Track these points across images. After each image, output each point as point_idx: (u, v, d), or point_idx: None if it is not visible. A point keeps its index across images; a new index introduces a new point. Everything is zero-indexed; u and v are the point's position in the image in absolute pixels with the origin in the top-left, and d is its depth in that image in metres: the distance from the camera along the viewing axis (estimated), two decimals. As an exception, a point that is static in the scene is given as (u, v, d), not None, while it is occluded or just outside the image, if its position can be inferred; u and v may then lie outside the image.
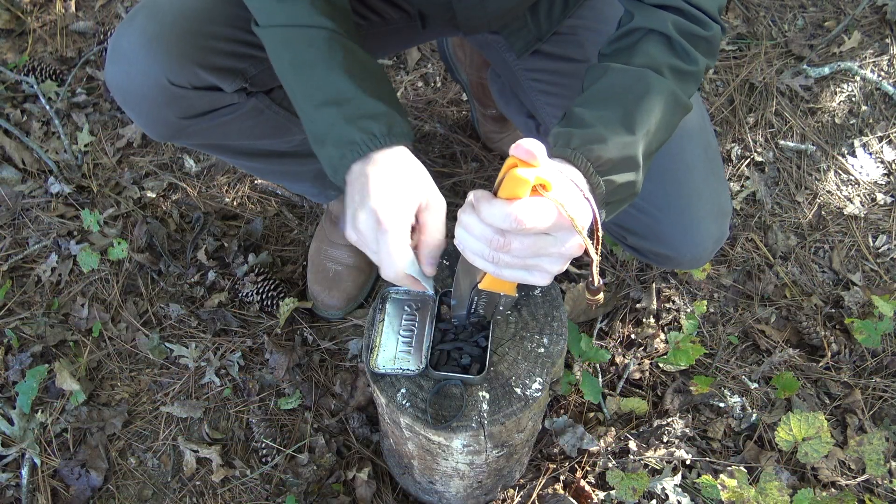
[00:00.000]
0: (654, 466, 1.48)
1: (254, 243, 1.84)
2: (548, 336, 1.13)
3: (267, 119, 1.28)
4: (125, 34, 1.11)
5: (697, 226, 1.18)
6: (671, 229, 1.19)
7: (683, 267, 1.30)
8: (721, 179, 1.24)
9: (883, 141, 2.03)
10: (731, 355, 1.68)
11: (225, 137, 1.29)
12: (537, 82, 1.33)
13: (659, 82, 0.93)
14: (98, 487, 1.51)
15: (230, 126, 1.25)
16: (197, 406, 1.60)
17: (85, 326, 1.71)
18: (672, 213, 1.18)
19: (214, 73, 1.14)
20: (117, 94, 1.17)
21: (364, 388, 1.60)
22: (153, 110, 1.17)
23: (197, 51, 1.11)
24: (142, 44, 1.09)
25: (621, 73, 0.94)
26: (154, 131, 1.22)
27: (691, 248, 1.21)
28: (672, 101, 0.94)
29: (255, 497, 1.50)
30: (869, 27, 2.22)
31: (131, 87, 1.14)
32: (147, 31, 1.09)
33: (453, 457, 1.17)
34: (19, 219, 1.89)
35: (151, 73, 1.10)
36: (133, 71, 1.12)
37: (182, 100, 1.15)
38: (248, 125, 1.27)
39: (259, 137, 1.33)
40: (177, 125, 1.19)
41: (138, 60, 1.10)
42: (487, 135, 1.96)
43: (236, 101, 1.21)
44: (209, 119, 1.21)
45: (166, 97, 1.13)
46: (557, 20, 1.25)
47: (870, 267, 1.82)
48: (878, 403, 1.61)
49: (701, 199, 1.18)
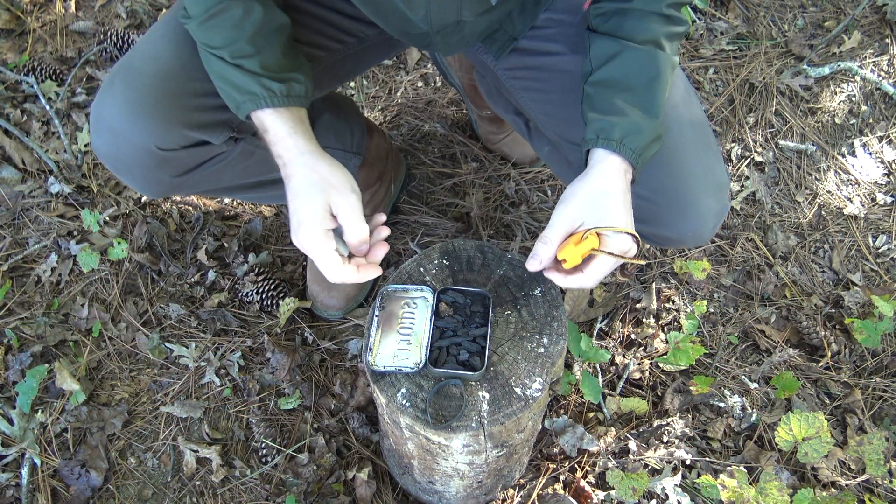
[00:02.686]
0: (654, 466, 1.48)
1: (254, 243, 1.84)
2: (548, 336, 1.13)
3: (258, 158, 1.28)
4: (106, 104, 1.10)
5: (695, 204, 1.18)
6: (669, 211, 1.19)
7: (688, 246, 1.33)
8: (713, 152, 1.23)
9: (883, 141, 2.03)
10: (731, 355, 1.68)
11: (219, 182, 1.30)
12: (518, 80, 1.31)
13: (663, 59, 1.06)
14: (98, 487, 1.51)
15: (222, 173, 1.26)
16: (197, 406, 1.60)
17: (85, 326, 1.71)
18: (667, 195, 1.17)
19: (201, 130, 1.14)
20: (107, 162, 1.17)
21: (364, 388, 1.60)
22: (146, 174, 1.17)
23: (181, 112, 1.10)
24: (124, 114, 1.08)
25: (637, 54, 1.05)
26: (149, 192, 1.23)
27: (692, 228, 1.21)
28: (671, 70, 1.08)
29: (255, 497, 1.50)
30: (869, 27, 2.22)
31: (120, 156, 1.14)
32: (128, 99, 1.08)
33: (453, 457, 1.17)
34: (19, 219, 1.89)
35: (138, 141, 1.10)
36: (120, 141, 1.11)
37: (173, 161, 1.15)
38: (239, 168, 1.28)
39: (252, 175, 1.34)
40: (170, 183, 1.20)
41: (123, 130, 1.09)
42: (486, 135, 1.96)
43: (225, 149, 1.21)
44: (201, 171, 1.22)
45: (156, 161, 1.13)
46: (531, 17, 1.24)
47: (870, 267, 1.82)
48: (878, 403, 1.61)
49: (694, 177, 1.18)
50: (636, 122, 1.01)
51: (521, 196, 1.89)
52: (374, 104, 2.10)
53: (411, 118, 2.06)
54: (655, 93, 1.05)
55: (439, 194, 1.89)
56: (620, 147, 1.00)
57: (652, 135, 1.03)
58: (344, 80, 1.44)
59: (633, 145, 1.00)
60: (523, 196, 1.89)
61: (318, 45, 1.25)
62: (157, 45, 1.12)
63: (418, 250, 1.75)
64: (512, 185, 1.89)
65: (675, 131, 1.16)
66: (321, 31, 1.25)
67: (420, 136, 2.02)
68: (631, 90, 1.04)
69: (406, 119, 2.06)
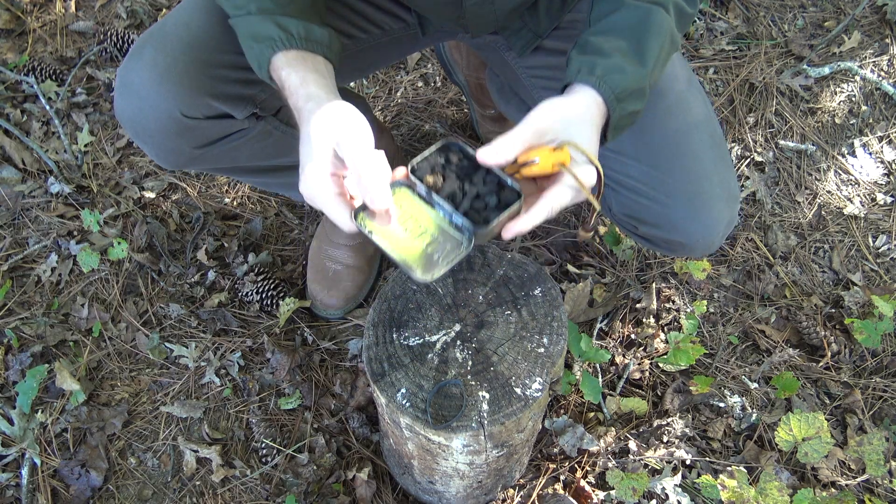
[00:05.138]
0: (654, 466, 1.48)
1: (254, 243, 1.84)
2: (548, 336, 1.13)
3: (276, 140, 1.29)
4: (134, 68, 1.09)
5: (709, 209, 1.18)
6: (682, 214, 1.18)
7: (696, 254, 1.30)
8: (729, 166, 1.23)
9: (883, 141, 2.03)
10: (731, 355, 1.68)
11: (234, 161, 1.30)
12: (539, 79, 1.33)
13: (664, 20, 1.00)
14: (98, 487, 1.51)
15: (240, 150, 1.26)
16: (197, 406, 1.60)
17: (85, 326, 1.71)
18: (682, 198, 1.17)
19: (226, 102, 1.14)
20: (128, 127, 1.16)
21: (364, 388, 1.60)
22: (166, 142, 1.16)
23: (208, 81, 1.10)
24: (153, 78, 1.08)
25: (633, 9, 0.99)
26: (166, 161, 1.22)
27: (703, 233, 1.20)
28: (669, 40, 1.01)
29: (255, 497, 1.50)
30: (869, 27, 2.22)
31: (143, 121, 1.13)
32: (157, 64, 1.08)
33: (453, 457, 1.17)
34: (19, 219, 1.89)
35: (164, 106, 1.09)
36: (145, 105, 1.10)
37: (195, 130, 1.15)
38: (257, 147, 1.28)
39: (268, 157, 1.34)
40: (189, 154, 1.20)
41: (150, 95, 1.09)
42: (487, 135, 1.96)
43: (246, 126, 1.21)
44: (220, 145, 1.21)
45: (179, 129, 1.13)
46: (557, 16, 1.25)
47: (870, 267, 1.82)
48: (878, 403, 1.61)
49: (710, 183, 1.18)
50: (620, 64, 0.93)
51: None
52: (374, 104, 2.10)
53: (411, 118, 2.06)
54: (646, 42, 0.97)
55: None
56: (600, 84, 0.91)
57: (636, 82, 0.93)
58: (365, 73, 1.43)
59: (613, 84, 0.91)
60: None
61: (344, 32, 1.25)
62: (190, 13, 1.12)
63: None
64: (512, 185, 1.89)
65: (695, 139, 1.17)
66: (348, 18, 1.25)
67: (420, 136, 2.02)
68: (621, 35, 0.97)
69: (406, 119, 2.06)
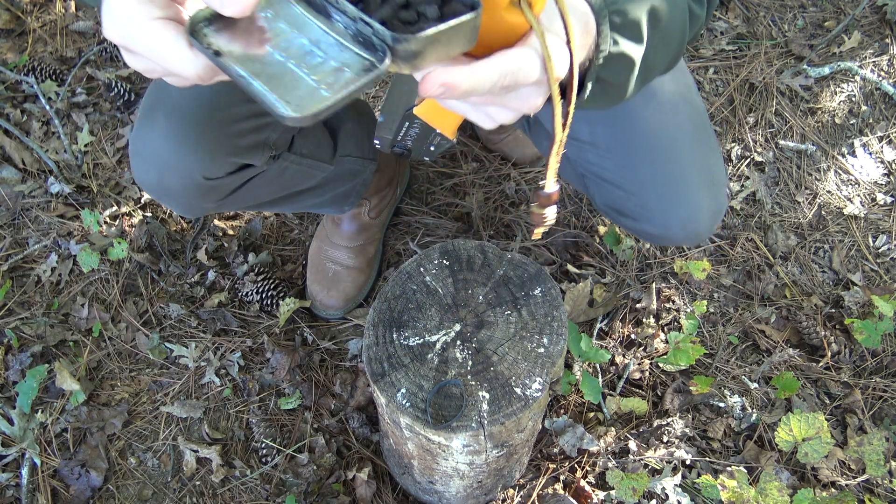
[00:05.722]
0: (654, 466, 1.48)
1: (254, 243, 1.84)
2: (548, 336, 1.13)
3: (292, 173, 1.30)
4: (149, 137, 1.07)
5: (686, 199, 1.07)
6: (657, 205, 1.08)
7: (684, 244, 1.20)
8: (712, 148, 1.11)
9: (883, 141, 2.03)
10: (731, 355, 1.68)
11: (256, 199, 1.31)
12: None
13: None
14: (98, 487, 1.51)
15: (261, 189, 1.27)
16: (197, 406, 1.60)
17: (85, 326, 1.71)
18: (656, 186, 1.07)
19: (245, 155, 1.14)
20: (149, 191, 1.16)
21: (364, 388, 1.60)
22: (190, 201, 1.17)
23: (226, 140, 1.09)
24: (171, 148, 1.06)
25: None
26: (190, 214, 1.24)
27: (684, 224, 1.10)
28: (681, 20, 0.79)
29: (255, 497, 1.50)
30: (869, 27, 2.22)
31: (165, 187, 1.13)
32: (173, 132, 1.05)
33: (453, 457, 1.17)
34: (19, 219, 1.89)
35: (185, 173, 1.09)
36: (165, 173, 1.10)
37: (218, 188, 1.16)
38: (276, 183, 1.30)
39: (285, 189, 1.35)
40: (213, 206, 1.22)
41: (170, 164, 1.08)
42: (487, 135, 1.96)
43: (265, 168, 1.22)
44: (242, 192, 1.23)
45: (202, 190, 1.14)
46: None
47: (870, 267, 1.82)
48: (878, 403, 1.61)
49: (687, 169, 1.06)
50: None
51: (522, 196, 1.89)
52: (374, 104, 2.10)
53: (411, 118, 2.06)
54: None
55: (439, 194, 1.89)
56: None
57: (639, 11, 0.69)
58: None
59: None
60: (523, 196, 1.89)
61: None
62: None
63: (418, 250, 1.75)
64: (512, 184, 1.89)
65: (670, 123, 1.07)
66: None
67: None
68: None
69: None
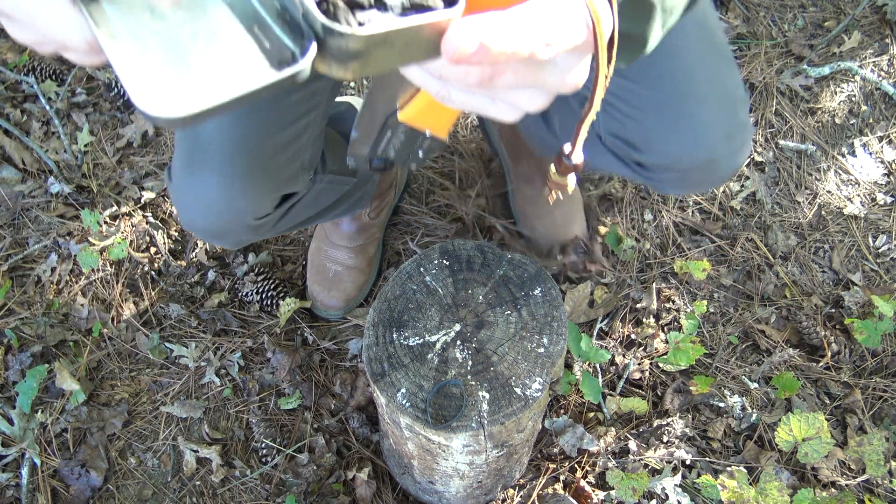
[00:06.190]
0: (654, 466, 1.48)
1: (254, 243, 1.84)
2: (548, 336, 1.13)
3: (324, 191, 1.31)
4: (195, 189, 1.06)
5: (690, 115, 0.89)
6: (657, 126, 0.91)
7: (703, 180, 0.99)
8: (727, 60, 0.94)
9: (883, 141, 2.03)
10: (731, 355, 1.68)
11: (293, 221, 1.31)
12: None
13: None
14: (98, 487, 1.51)
15: (300, 213, 1.28)
16: (197, 406, 1.60)
17: (85, 326, 1.71)
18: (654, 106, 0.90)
19: (289, 184, 1.15)
20: (199, 234, 1.19)
21: (364, 388, 1.60)
22: (239, 239, 1.20)
23: (269, 178, 1.08)
24: (219, 199, 1.06)
25: None
26: (236, 247, 1.29)
27: (691, 147, 0.91)
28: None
29: (255, 497, 1.50)
30: (869, 27, 2.22)
31: (215, 231, 1.14)
32: (217, 185, 1.04)
33: (453, 457, 1.17)
34: (19, 219, 1.89)
35: (235, 217, 1.09)
36: (216, 221, 1.10)
37: (267, 223, 1.17)
38: (312, 205, 1.31)
39: (317, 208, 1.35)
40: (259, 237, 1.24)
41: (219, 213, 1.08)
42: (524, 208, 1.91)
43: (304, 193, 1.23)
44: (285, 220, 1.24)
45: (253, 229, 1.15)
46: None
47: (870, 267, 1.82)
48: (878, 403, 1.61)
49: (691, 81, 0.89)
50: None
51: (521, 196, 1.89)
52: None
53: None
54: None
55: (439, 194, 1.89)
56: None
57: None
58: None
59: None
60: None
61: None
62: None
63: (418, 250, 1.75)
64: (512, 185, 1.89)
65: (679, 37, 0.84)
66: None
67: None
68: None
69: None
